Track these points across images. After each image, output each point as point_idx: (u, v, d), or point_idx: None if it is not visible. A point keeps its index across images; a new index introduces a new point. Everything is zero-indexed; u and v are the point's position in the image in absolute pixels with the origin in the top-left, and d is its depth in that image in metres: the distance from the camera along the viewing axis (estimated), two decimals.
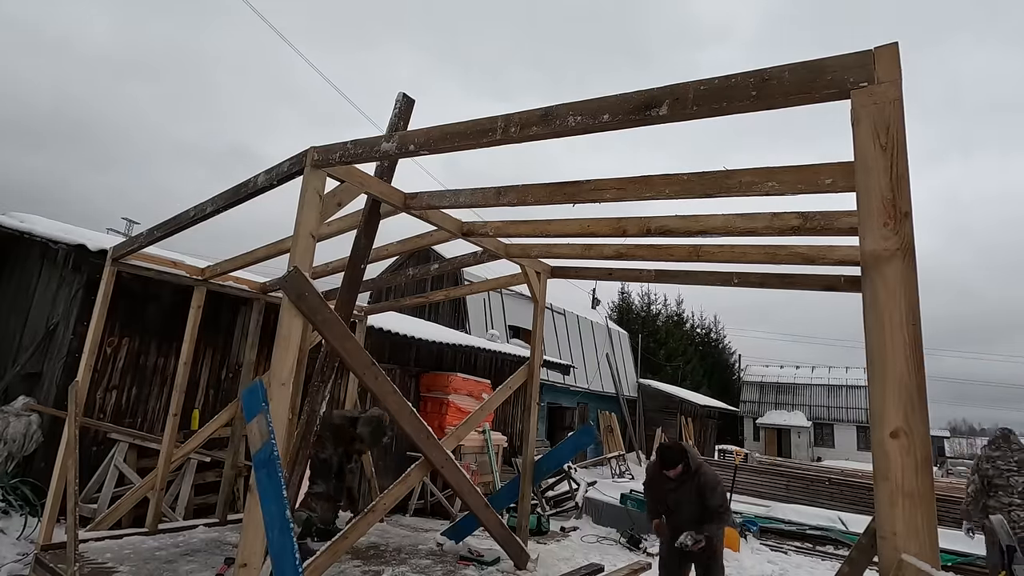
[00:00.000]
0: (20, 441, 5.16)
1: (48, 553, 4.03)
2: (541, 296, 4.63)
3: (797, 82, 1.45)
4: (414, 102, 3.51)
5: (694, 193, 2.47)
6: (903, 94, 1.28)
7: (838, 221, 2.61)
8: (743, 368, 39.27)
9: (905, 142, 1.26)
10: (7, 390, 5.81)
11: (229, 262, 4.82)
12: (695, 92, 1.61)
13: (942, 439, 43.21)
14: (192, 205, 3.67)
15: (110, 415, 5.67)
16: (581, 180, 2.80)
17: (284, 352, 2.43)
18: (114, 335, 5.68)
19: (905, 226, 1.21)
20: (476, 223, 3.84)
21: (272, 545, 2.08)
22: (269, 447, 2.18)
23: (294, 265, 2.52)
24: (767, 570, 7.29)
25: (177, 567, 3.96)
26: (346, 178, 2.88)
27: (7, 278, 7.25)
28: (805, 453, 32.14)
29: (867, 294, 1.22)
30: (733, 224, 2.86)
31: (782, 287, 3.64)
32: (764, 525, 9.45)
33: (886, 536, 1.09)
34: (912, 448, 1.10)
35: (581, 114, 1.86)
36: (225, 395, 6.54)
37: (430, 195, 3.26)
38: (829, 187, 2.18)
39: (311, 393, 3.39)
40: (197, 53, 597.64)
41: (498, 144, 2.18)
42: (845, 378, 35.74)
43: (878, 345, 1.18)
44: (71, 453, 4.10)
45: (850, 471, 15.79)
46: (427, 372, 8.85)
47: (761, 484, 12.98)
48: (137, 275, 4.99)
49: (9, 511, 4.95)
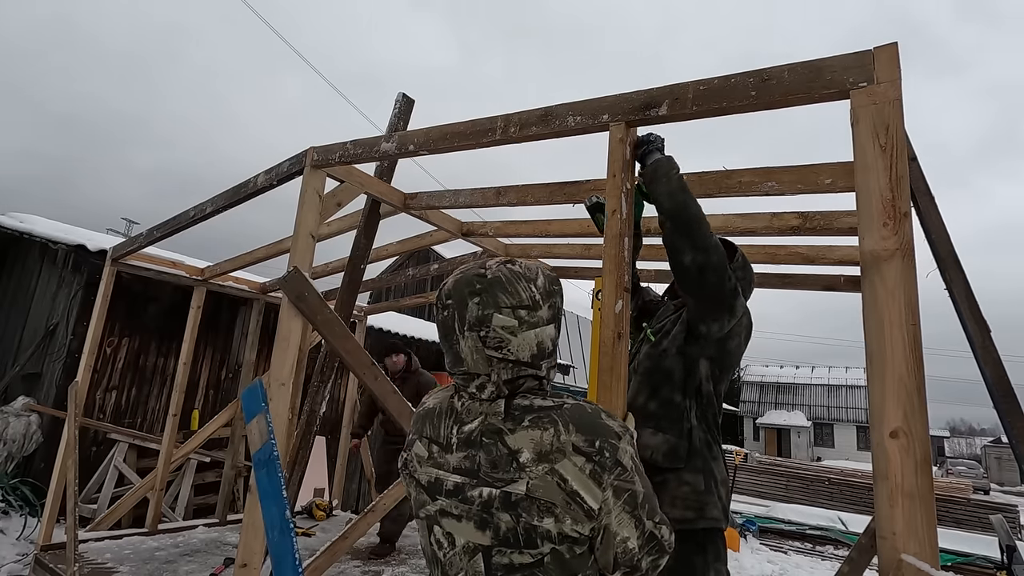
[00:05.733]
0: (20, 441, 5.16)
1: (48, 553, 4.03)
2: None
3: (796, 82, 1.45)
4: (414, 102, 3.51)
5: (693, 193, 2.47)
6: (903, 94, 1.28)
7: (838, 221, 2.61)
8: (743, 368, 39.30)
9: (905, 142, 1.26)
10: (7, 390, 5.80)
11: (229, 262, 4.82)
12: (695, 92, 1.61)
13: (942, 439, 43.29)
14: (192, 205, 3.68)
15: (110, 415, 5.68)
16: (581, 180, 2.80)
17: (284, 352, 2.43)
18: (114, 335, 5.68)
19: (905, 226, 1.21)
20: (476, 223, 3.84)
21: (272, 545, 2.08)
22: (269, 447, 2.18)
23: (294, 265, 2.52)
24: (767, 570, 7.30)
25: (177, 567, 3.96)
26: (346, 178, 2.88)
27: (7, 278, 7.25)
28: (805, 453, 32.17)
29: (867, 294, 1.22)
30: (733, 224, 2.86)
31: (782, 287, 3.64)
32: (764, 525, 9.46)
33: (886, 536, 1.09)
34: (912, 448, 1.10)
35: (581, 114, 1.86)
36: (225, 395, 6.54)
37: (430, 195, 3.26)
38: (829, 187, 2.18)
39: (311, 393, 3.39)
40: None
41: (498, 144, 2.19)
42: (845, 378, 35.79)
43: (878, 345, 1.18)
44: (71, 453, 4.10)
45: (850, 471, 15.80)
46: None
47: (761, 484, 12.99)
48: (137, 275, 4.99)
49: (9, 511, 4.95)
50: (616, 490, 0.95)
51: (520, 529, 0.93)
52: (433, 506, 1.04)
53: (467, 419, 1.04)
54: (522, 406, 1.01)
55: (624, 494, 0.96)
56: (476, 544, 0.97)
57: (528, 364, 1.04)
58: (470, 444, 1.01)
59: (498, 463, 0.97)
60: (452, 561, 1.00)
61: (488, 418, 1.02)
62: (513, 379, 1.03)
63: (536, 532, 0.92)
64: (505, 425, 0.99)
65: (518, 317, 1.02)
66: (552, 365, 1.10)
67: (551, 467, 0.93)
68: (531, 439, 0.96)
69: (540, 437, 0.96)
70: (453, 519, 1.00)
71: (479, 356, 1.03)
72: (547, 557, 0.93)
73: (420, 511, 1.08)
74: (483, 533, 0.96)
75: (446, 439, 1.05)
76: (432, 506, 1.04)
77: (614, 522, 0.96)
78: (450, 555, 1.01)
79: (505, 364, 1.02)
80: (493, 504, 0.95)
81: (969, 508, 10.54)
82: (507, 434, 0.98)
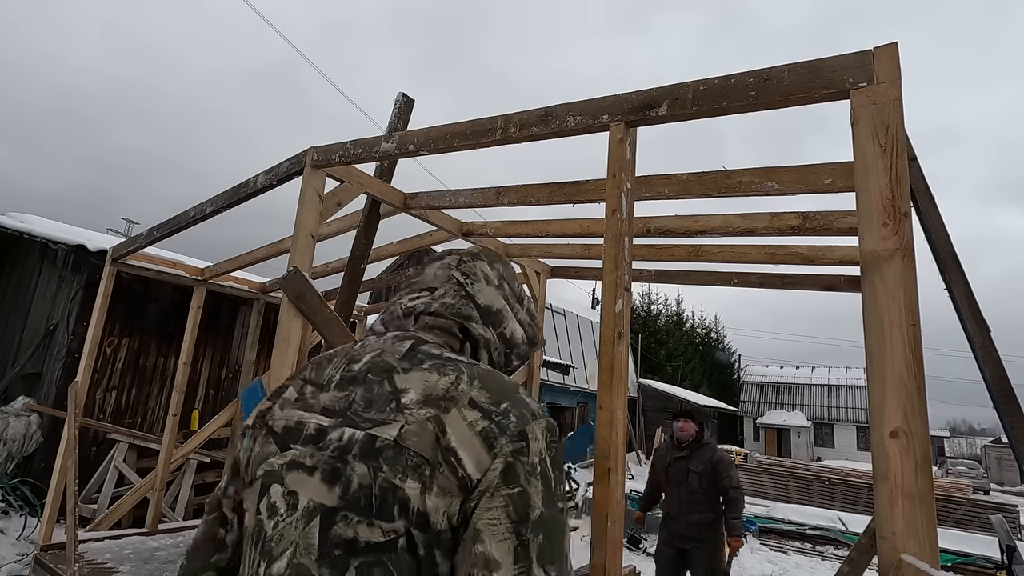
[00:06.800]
0: (20, 441, 5.16)
1: (48, 553, 4.03)
2: (541, 296, 4.63)
3: (796, 82, 1.45)
4: (414, 102, 3.51)
5: (693, 193, 2.47)
6: (903, 94, 1.28)
7: (838, 221, 2.61)
8: (743, 368, 39.31)
9: (905, 142, 1.26)
10: (7, 390, 5.81)
11: (229, 262, 4.82)
12: (694, 92, 1.61)
13: (942, 439, 43.30)
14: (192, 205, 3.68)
15: (110, 415, 5.68)
16: (581, 180, 2.80)
17: (284, 352, 2.43)
18: (114, 335, 5.68)
19: (905, 226, 1.21)
20: (476, 223, 3.84)
21: None
22: None
23: (294, 265, 2.52)
24: (767, 570, 7.30)
25: (177, 567, 3.95)
26: (346, 178, 2.88)
27: (7, 278, 7.25)
28: (805, 453, 32.15)
29: (867, 294, 1.22)
30: (732, 224, 2.86)
31: (782, 287, 3.64)
32: (764, 525, 9.46)
33: (886, 536, 1.09)
34: (912, 448, 1.10)
35: (581, 114, 1.86)
36: (225, 395, 6.54)
37: (429, 195, 3.26)
38: (829, 187, 2.18)
39: None
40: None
41: (498, 144, 2.18)
42: (845, 378, 35.77)
43: (877, 345, 1.18)
44: (71, 453, 4.10)
45: (850, 471, 15.79)
46: None
47: (761, 484, 12.98)
48: (137, 275, 4.99)
49: (9, 511, 4.95)
50: (508, 469, 0.71)
51: (376, 488, 0.70)
52: (280, 458, 0.79)
53: (360, 356, 0.86)
54: (430, 352, 0.85)
55: (515, 487, 0.70)
56: (317, 504, 0.73)
57: (476, 314, 0.95)
58: (351, 381, 0.82)
59: (374, 402, 0.78)
60: (283, 533, 0.74)
61: (383, 354, 0.85)
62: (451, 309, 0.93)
63: (394, 496, 0.69)
64: (400, 364, 0.82)
65: (501, 287, 1.02)
66: (499, 355, 0.99)
67: (435, 414, 0.74)
68: (424, 380, 0.78)
69: (435, 381, 0.78)
70: (304, 472, 0.76)
71: (441, 273, 0.99)
72: (401, 540, 0.69)
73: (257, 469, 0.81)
74: (330, 489, 0.72)
75: (327, 379, 0.85)
76: (279, 458, 0.79)
77: (484, 523, 0.69)
78: (282, 524, 0.74)
79: (458, 293, 0.95)
80: (351, 450, 0.74)
81: (969, 508, 10.54)
82: (398, 372, 0.81)
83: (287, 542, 0.73)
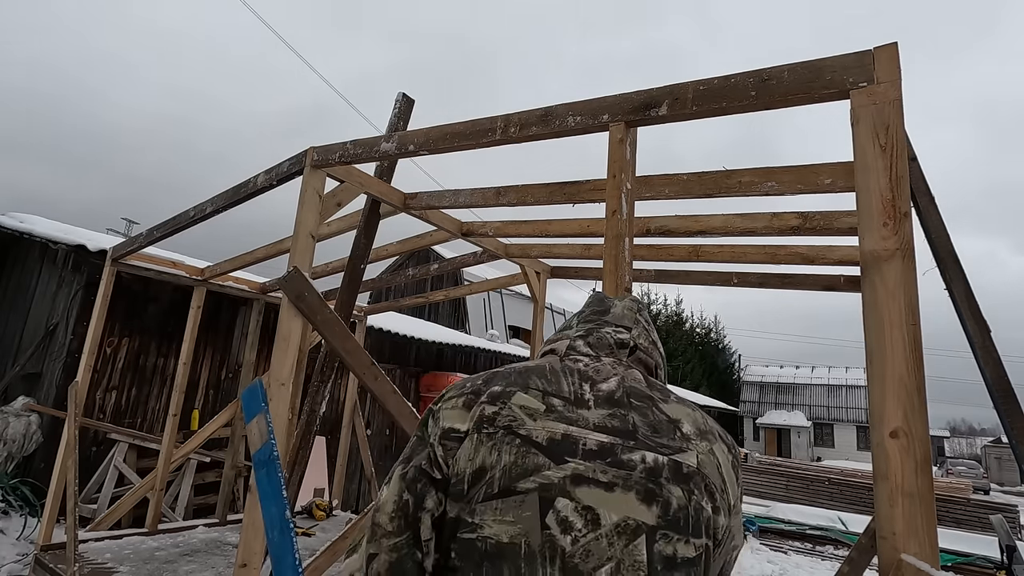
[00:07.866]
0: (20, 441, 5.16)
1: (48, 553, 4.03)
2: (541, 296, 4.63)
3: (796, 82, 1.45)
4: (414, 102, 3.51)
5: (693, 193, 2.47)
6: (903, 94, 1.28)
7: (838, 221, 2.61)
8: (743, 368, 39.30)
9: (905, 142, 1.26)
10: (7, 390, 5.80)
11: (229, 262, 4.82)
12: (694, 92, 1.61)
13: (942, 439, 43.26)
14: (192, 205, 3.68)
15: (110, 415, 5.67)
16: (581, 180, 2.80)
17: (284, 352, 2.43)
18: (114, 335, 5.68)
19: (905, 226, 1.21)
20: (476, 223, 3.84)
21: (272, 545, 2.08)
22: (269, 447, 2.18)
23: (294, 265, 2.52)
24: (767, 570, 7.30)
25: (177, 567, 3.96)
26: (346, 178, 2.88)
27: (7, 278, 7.25)
28: (805, 453, 32.16)
29: (867, 294, 1.22)
30: (732, 224, 2.86)
31: (782, 287, 3.64)
32: (764, 525, 9.46)
33: (886, 536, 1.09)
34: (912, 448, 1.10)
35: (581, 114, 1.86)
36: (225, 395, 6.54)
37: (429, 195, 3.26)
38: (829, 187, 2.18)
39: (311, 393, 3.39)
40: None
41: (498, 144, 2.19)
42: (845, 378, 35.77)
43: (878, 345, 1.18)
44: (71, 453, 4.10)
45: (850, 471, 15.79)
46: (427, 372, 8.86)
47: (761, 484, 12.98)
48: (137, 275, 4.99)
49: (9, 511, 4.95)
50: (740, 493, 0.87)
51: (691, 509, 0.77)
52: (557, 471, 0.77)
53: (599, 378, 0.88)
54: (659, 386, 0.91)
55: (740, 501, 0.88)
56: (639, 522, 0.74)
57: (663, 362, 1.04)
58: (615, 403, 0.84)
59: (659, 428, 0.82)
60: (590, 549, 0.73)
61: (626, 380, 0.88)
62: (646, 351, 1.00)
63: (702, 516, 0.78)
64: (652, 393, 0.87)
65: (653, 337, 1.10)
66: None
67: (710, 446, 0.83)
68: (686, 413, 0.86)
69: (692, 415, 0.86)
70: (599, 488, 0.76)
71: (629, 313, 1.04)
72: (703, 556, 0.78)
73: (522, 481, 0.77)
74: (648, 509, 0.75)
75: (574, 394, 0.85)
76: (555, 471, 0.77)
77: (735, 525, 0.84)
78: (584, 540, 0.73)
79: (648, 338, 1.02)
80: (662, 473, 0.77)
81: (969, 508, 10.54)
82: (660, 401, 0.86)
83: (601, 558, 0.73)
